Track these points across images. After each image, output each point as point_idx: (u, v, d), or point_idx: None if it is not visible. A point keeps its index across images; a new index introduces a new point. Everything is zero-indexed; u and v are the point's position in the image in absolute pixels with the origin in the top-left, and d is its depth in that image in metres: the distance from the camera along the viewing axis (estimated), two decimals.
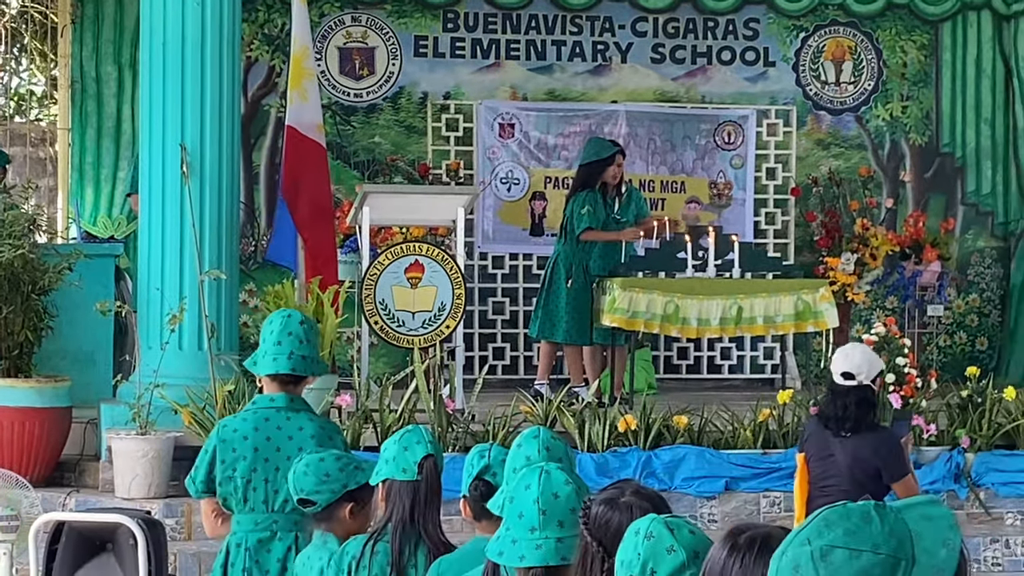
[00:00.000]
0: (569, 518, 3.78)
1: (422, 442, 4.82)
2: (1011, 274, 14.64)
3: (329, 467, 5.16)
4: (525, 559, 3.80)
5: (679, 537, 2.98)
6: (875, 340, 9.95)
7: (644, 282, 11.13)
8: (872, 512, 2.28)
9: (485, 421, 9.62)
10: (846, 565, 2.24)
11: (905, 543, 2.26)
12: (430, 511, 4.80)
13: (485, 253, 13.66)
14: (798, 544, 2.29)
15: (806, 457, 7.31)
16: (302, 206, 10.75)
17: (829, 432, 7.19)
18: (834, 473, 7.16)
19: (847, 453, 7.14)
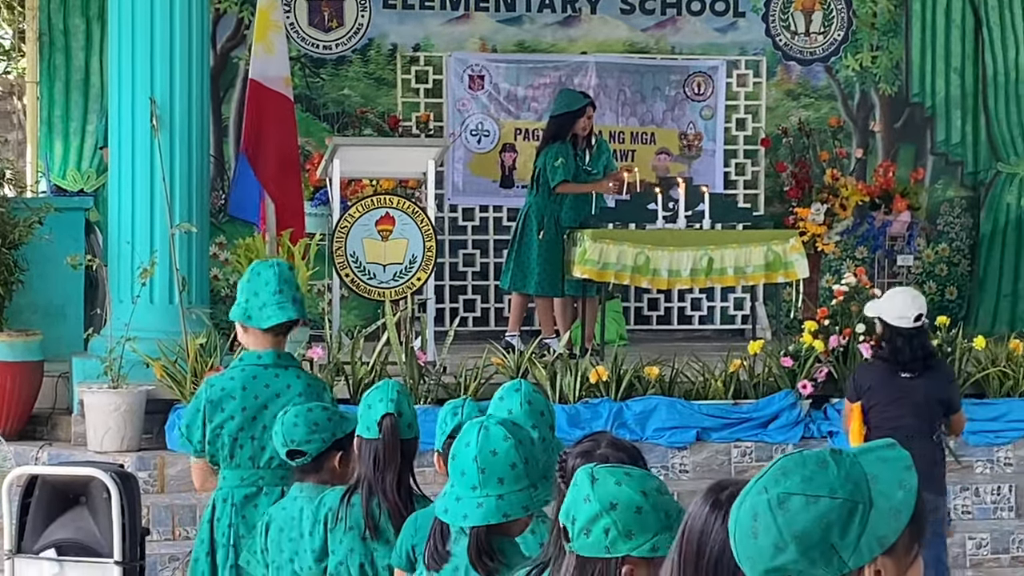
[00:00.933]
0: (509, 474, 3.80)
1: (384, 400, 4.82)
2: (980, 223, 14.70)
3: (318, 417, 5.19)
4: (468, 518, 3.83)
5: (597, 488, 3.01)
6: (846, 290, 10.00)
7: (615, 233, 11.14)
8: (828, 458, 2.31)
9: (457, 373, 9.64)
10: (803, 511, 2.27)
11: (862, 487, 2.29)
12: (388, 472, 4.79)
13: (455, 205, 13.66)
14: (756, 493, 2.32)
15: (868, 405, 7.42)
16: (268, 160, 10.72)
17: (897, 375, 7.38)
18: (905, 414, 7.38)
19: (919, 391, 7.41)
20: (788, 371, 9.85)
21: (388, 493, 4.77)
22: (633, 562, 3.04)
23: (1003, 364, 10.13)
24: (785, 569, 2.29)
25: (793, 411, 9.75)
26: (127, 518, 7.17)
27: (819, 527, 2.26)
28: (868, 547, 2.27)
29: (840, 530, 2.26)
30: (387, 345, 9.59)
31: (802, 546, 2.26)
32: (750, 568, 2.34)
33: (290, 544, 5.06)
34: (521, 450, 3.84)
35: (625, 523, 3.01)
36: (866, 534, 2.27)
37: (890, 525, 2.29)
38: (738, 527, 2.34)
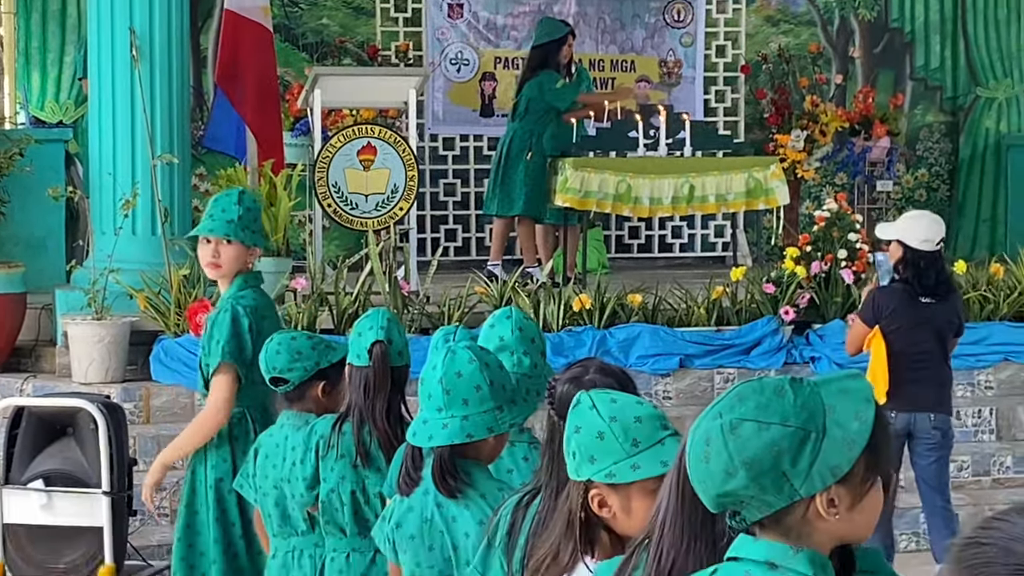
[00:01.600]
0: (474, 396, 3.83)
1: (374, 328, 4.82)
2: (959, 148, 14.72)
3: (301, 345, 5.19)
4: (432, 438, 3.86)
5: (574, 412, 3.06)
6: (827, 216, 10.02)
7: (596, 162, 11.14)
8: (786, 386, 2.32)
9: (440, 303, 9.66)
10: (754, 437, 2.28)
11: (816, 416, 2.29)
12: (378, 399, 4.80)
13: (435, 135, 13.63)
14: (711, 418, 2.33)
15: (888, 329, 7.43)
16: (246, 91, 10.66)
17: (918, 300, 7.41)
18: (928, 338, 7.44)
19: (939, 316, 7.48)
20: (770, 297, 9.89)
21: (378, 420, 4.79)
22: (600, 487, 3.07)
23: (984, 288, 10.18)
24: (735, 494, 2.31)
25: (775, 337, 9.79)
26: (114, 449, 7.21)
27: (770, 454, 2.27)
28: (820, 476, 2.28)
29: (791, 458, 2.27)
30: (370, 275, 9.60)
31: (752, 472, 2.27)
32: (703, 492, 2.36)
33: (274, 471, 5.09)
34: (486, 372, 3.86)
35: (587, 447, 3.03)
36: (818, 463, 2.27)
37: (843, 455, 2.29)
38: (691, 451, 2.36)
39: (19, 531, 7.32)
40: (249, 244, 5.87)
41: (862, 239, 9.99)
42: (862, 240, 9.98)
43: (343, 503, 4.87)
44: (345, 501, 4.87)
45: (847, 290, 9.85)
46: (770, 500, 2.29)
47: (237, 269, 5.87)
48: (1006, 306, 10.12)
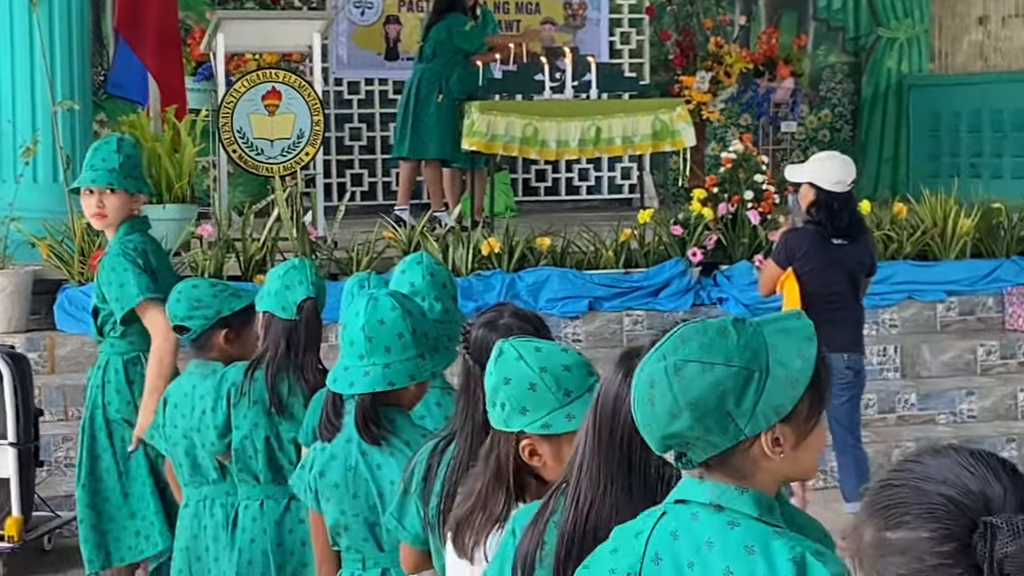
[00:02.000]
0: (396, 343, 3.82)
1: (304, 283, 4.77)
2: (862, 89, 14.82)
3: (202, 294, 5.14)
4: (354, 385, 3.84)
5: (499, 362, 3.07)
6: (733, 158, 10.05)
7: (502, 105, 11.10)
8: (730, 326, 2.33)
9: (348, 248, 9.61)
10: (698, 378, 2.29)
11: (760, 355, 2.30)
12: (309, 354, 4.78)
13: (340, 79, 13.54)
14: (655, 360, 2.33)
15: (802, 271, 7.45)
16: (147, 36, 10.50)
17: (830, 241, 7.43)
18: (839, 280, 7.46)
19: (851, 257, 7.51)
20: (678, 239, 9.92)
21: (309, 374, 4.75)
22: (531, 437, 3.07)
23: (887, 228, 10.27)
24: (681, 435, 2.31)
25: (683, 279, 9.83)
26: (20, 399, 7.13)
27: (714, 394, 2.28)
28: (764, 415, 2.29)
29: (735, 398, 2.28)
30: (278, 221, 9.53)
31: (696, 413, 2.28)
32: (648, 435, 2.36)
33: (183, 420, 5.05)
34: (409, 320, 3.84)
35: (518, 398, 3.03)
36: (762, 402, 2.28)
37: (787, 394, 2.30)
38: (636, 394, 2.36)
39: None
40: (132, 191, 5.85)
41: (768, 180, 10.03)
42: (768, 181, 10.03)
43: (257, 450, 4.84)
44: (259, 448, 4.84)
45: (754, 231, 9.91)
46: (715, 440, 2.30)
47: (123, 217, 5.85)
48: (909, 245, 10.22)
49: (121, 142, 5.90)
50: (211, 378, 4.99)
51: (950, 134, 14.22)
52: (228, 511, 5.03)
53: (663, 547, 2.34)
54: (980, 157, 13.92)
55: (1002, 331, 10.18)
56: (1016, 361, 9.85)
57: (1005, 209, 10.55)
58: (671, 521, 2.36)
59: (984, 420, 9.37)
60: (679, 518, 2.35)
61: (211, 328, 5.12)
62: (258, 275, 9.10)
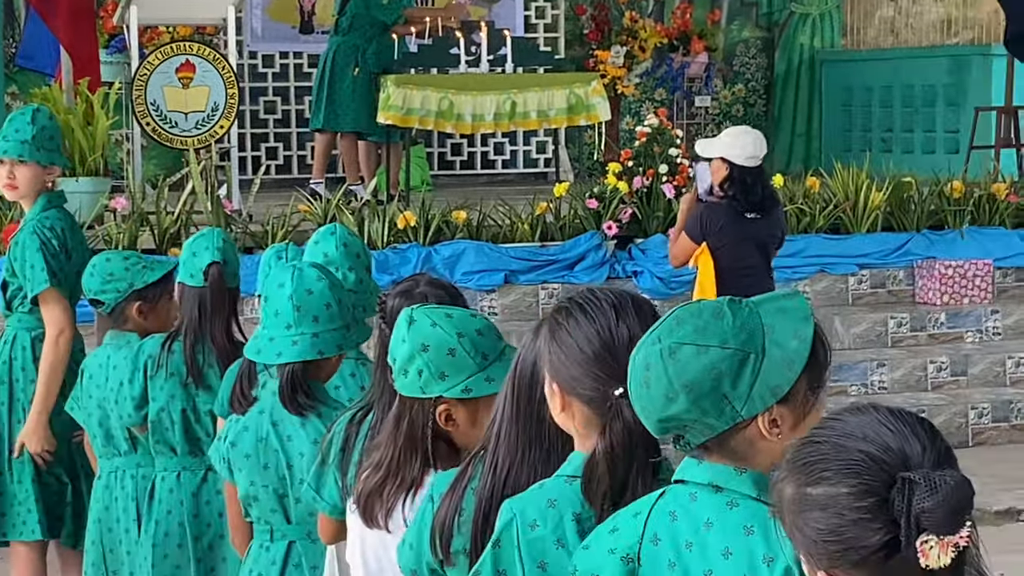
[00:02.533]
0: (324, 313, 3.84)
1: (210, 248, 4.78)
2: (775, 64, 14.94)
3: (114, 267, 5.13)
4: (282, 355, 3.85)
5: (413, 330, 3.07)
6: (648, 132, 10.11)
7: (418, 79, 11.10)
8: (725, 308, 2.31)
9: (264, 221, 9.59)
10: (693, 361, 2.27)
11: (756, 337, 2.28)
12: (217, 318, 4.78)
13: (255, 52, 13.49)
14: (650, 343, 2.32)
15: (716, 246, 7.49)
16: (59, 7, 10.41)
17: (743, 216, 7.48)
18: (751, 253, 7.53)
19: (762, 231, 7.57)
20: (593, 213, 9.97)
21: (218, 339, 4.77)
22: (448, 403, 3.09)
23: (800, 201, 10.37)
24: (678, 419, 2.30)
25: (599, 252, 9.89)
26: None
27: (709, 377, 2.26)
28: (761, 397, 2.27)
29: (731, 380, 2.26)
30: (192, 195, 9.49)
31: (692, 395, 2.27)
32: (645, 418, 2.35)
33: (97, 391, 5.05)
34: (335, 291, 3.87)
35: (437, 364, 3.05)
36: (758, 384, 2.26)
37: (783, 375, 2.27)
38: (632, 377, 2.35)
39: None
40: (45, 163, 5.79)
41: (682, 154, 10.10)
42: (682, 155, 10.09)
43: (173, 422, 4.85)
44: (175, 420, 4.84)
45: (668, 204, 9.97)
46: (712, 423, 2.28)
47: (37, 189, 5.80)
48: (822, 219, 10.32)
49: (37, 113, 5.85)
50: (125, 349, 4.99)
51: (862, 109, 14.37)
52: (138, 482, 5.04)
53: (662, 527, 2.33)
54: (891, 132, 14.07)
55: (912, 304, 10.31)
56: (926, 333, 9.99)
57: (916, 183, 10.67)
58: (670, 501, 2.35)
59: (895, 391, 9.49)
60: (678, 498, 2.34)
61: (124, 300, 5.11)
62: (172, 248, 9.07)
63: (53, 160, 5.84)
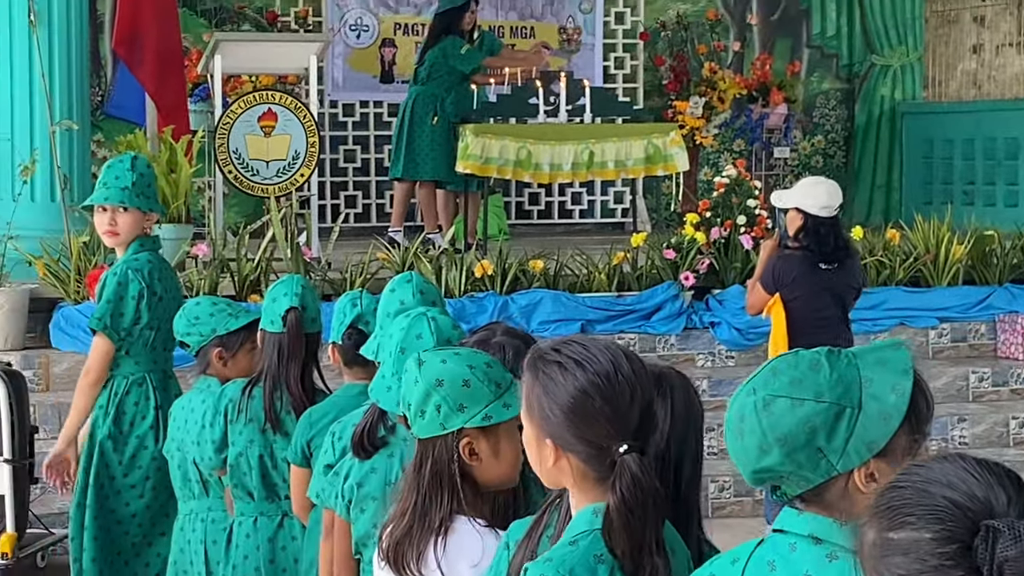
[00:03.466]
0: None
1: (288, 294, 4.84)
2: (855, 115, 14.92)
3: (200, 311, 5.21)
4: None
5: (424, 370, 3.10)
6: (727, 183, 10.12)
7: (496, 128, 11.17)
8: (823, 359, 2.29)
9: (342, 269, 9.66)
10: (787, 414, 2.26)
11: (852, 390, 2.26)
12: (293, 364, 4.83)
13: (335, 101, 13.61)
14: (745, 394, 2.32)
15: (790, 297, 7.49)
16: (146, 56, 10.57)
17: (818, 266, 7.47)
18: (829, 304, 7.50)
19: (840, 281, 7.54)
20: (671, 263, 9.98)
21: (292, 386, 4.82)
22: (470, 435, 3.11)
23: (880, 254, 10.33)
24: (772, 470, 2.29)
25: (676, 302, 9.89)
26: (15, 416, 7.17)
27: (803, 430, 2.25)
28: (857, 451, 2.25)
29: (826, 434, 2.24)
30: (272, 242, 9.58)
31: (786, 449, 2.25)
32: (741, 468, 2.34)
33: (178, 433, 5.13)
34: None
35: (455, 397, 3.08)
36: (854, 438, 2.25)
37: (880, 430, 2.25)
38: (727, 427, 2.34)
39: None
40: (145, 210, 5.87)
41: (761, 205, 10.10)
42: (761, 206, 10.09)
43: (251, 467, 4.90)
44: (253, 465, 4.90)
45: (746, 255, 9.96)
46: (807, 476, 2.26)
47: (134, 235, 5.87)
48: (902, 271, 10.28)
49: (135, 160, 5.93)
50: (207, 393, 5.07)
51: (943, 161, 14.31)
52: (208, 527, 5.10)
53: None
54: (973, 184, 14.00)
55: (994, 358, 10.23)
56: (1008, 388, 9.90)
57: (998, 236, 10.61)
58: (769, 550, 2.33)
59: (976, 447, 9.41)
60: (777, 548, 2.32)
61: (207, 345, 5.19)
62: (252, 294, 9.17)
63: (152, 207, 5.92)
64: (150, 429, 5.78)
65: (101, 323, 5.73)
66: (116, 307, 5.73)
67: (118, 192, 5.80)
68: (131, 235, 5.87)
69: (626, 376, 2.57)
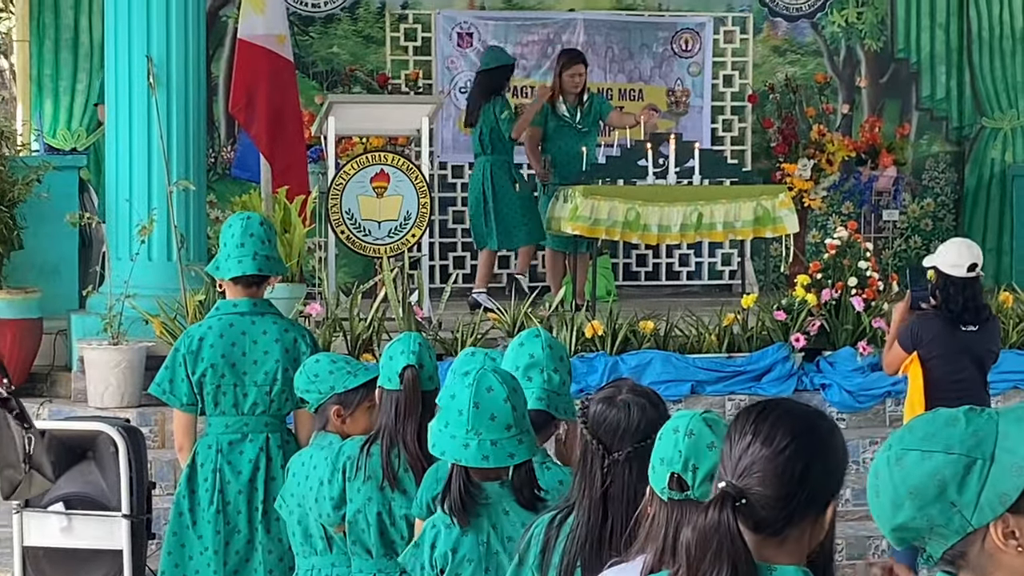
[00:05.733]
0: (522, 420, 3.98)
1: (405, 352, 4.88)
2: (965, 178, 14.81)
3: (320, 369, 5.27)
4: (515, 456, 3.93)
5: (718, 432, 3.01)
6: (838, 244, 10.08)
7: (605, 190, 11.20)
8: (961, 415, 2.28)
9: (453, 328, 9.71)
10: (917, 466, 2.25)
11: (985, 443, 2.23)
12: (410, 422, 4.85)
13: (445, 163, 13.71)
14: (883, 451, 2.32)
15: (927, 356, 7.44)
16: (260, 118, 10.71)
17: (958, 327, 7.42)
18: (967, 366, 7.44)
19: (979, 343, 7.48)
20: (781, 324, 9.94)
21: (409, 443, 4.84)
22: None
23: None
24: (909, 527, 2.27)
25: (786, 364, 9.85)
26: (134, 472, 7.24)
27: (933, 482, 2.23)
28: (990, 504, 2.21)
29: (957, 486, 2.22)
30: (384, 302, 9.66)
31: (918, 502, 2.23)
32: (882, 527, 2.33)
33: (298, 489, 5.17)
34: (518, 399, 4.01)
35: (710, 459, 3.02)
36: (986, 490, 2.21)
37: (1011, 481, 2.21)
38: (868, 487, 2.34)
39: (39, 554, 7.34)
40: (279, 273, 6.09)
41: (872, 267, 10.05)
42: (872, 268, 10.04)
43: (369, 524, 4.93)
44: (371, 522, 4.92)
45: (857, 317, 9.92)
46: (943, 532, 2.24)
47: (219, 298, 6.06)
48: (1015, 334, 10.18)
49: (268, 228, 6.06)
50: (326, 450, 5.11)
51: None
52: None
53: None
54: None
55: None
56: None
57: None
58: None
59: None
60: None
61: (326, 402, 5.24)
62: (365, 353, 9.23)
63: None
64: (206, 492, 5.89)
65: (160, 389, 5.89)
66: (172, 372, 5.88)
67: (265, 261, 5.98)
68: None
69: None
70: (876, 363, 9.88)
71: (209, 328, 5.96)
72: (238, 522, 5.97)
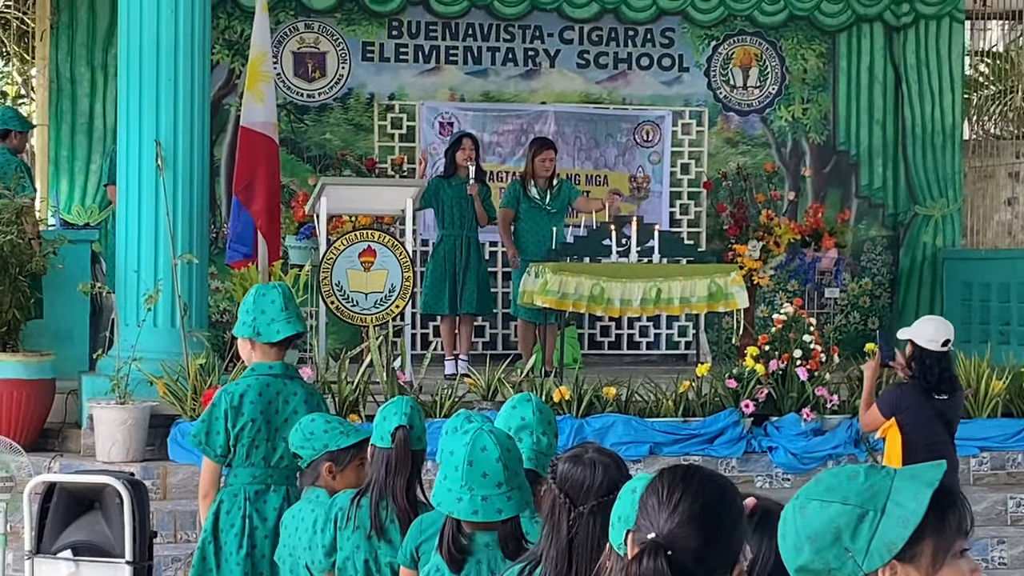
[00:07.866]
0: (518, 475, 3.95)
1: (398, 413, 4.89)
2: (900, 260, 14.91)
3: (315, 428, 5.28)
4: (503, 511, 3.93)
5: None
6: (784, 319, 10.13)
7: (573, 266, 11.25)
8: (862, 471, 2.35)
9: (433, 392, 9.72)
10: (817, 515, 2.32)
11: (879, 496, 2.31)
12: (399, 478, 4.85)
13: (427, 240, 13.74)
14: (792, 501, 2.38)
15: (904, 422, 7.45)
16: (259, 197, 10.77)
17: (932, 396, 7.45)
18: (939, 431, 7.47)
19: (951, 410, 7.53)
20: (732, 392, 9.98)
21: (399, 498, 4.84)
22: None
23: None
24: (808, 569, 2.32)
25: (737, 428, 9.88)
26: (137, 522, 7.20)
27: (829, 529, 2.30)
28: (879, 552, 2.28)
29: (850, 534, 2.29)
30: (370, 367, 9.66)
31: (815, 546, 2.30)
32: (788, 568, 2.38)
33: (289, 539, 5.16)
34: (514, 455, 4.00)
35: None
36: (876, 539, 2.28)
37: (897, 532, 2.28)
38: (778, 531, 2.40)
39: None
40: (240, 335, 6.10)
41: (815, 340, 10.10)
42: (815, 341, 10.09)
43: (357, 570, 4.92)
44: (359, 569, 4.91)
45: (802, 386, 9.96)
46: (839, 575, 2.30)
47: (251, 360, 6.03)
48: None
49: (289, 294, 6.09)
50: (315, 503, 5.11)
51: (981, 303, 14.23)
52: None
53: None
54: (1008, 325, 13.91)
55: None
56: None
57: None
58: None
59: (1014, 567, 9.30)
60: None
61: (319, 459, 5.25)
62: (351, 414, 9.23)
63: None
64: (235, 537, 5.87)
65: (196, 440, 5.89)
66: (209, 426, 5.87)
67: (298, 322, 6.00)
68: (248, 360, 6.02)
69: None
70: (819, 428, 9.93)
71: (248, 386, 5.96)
72: (263, 567, 5.94)
